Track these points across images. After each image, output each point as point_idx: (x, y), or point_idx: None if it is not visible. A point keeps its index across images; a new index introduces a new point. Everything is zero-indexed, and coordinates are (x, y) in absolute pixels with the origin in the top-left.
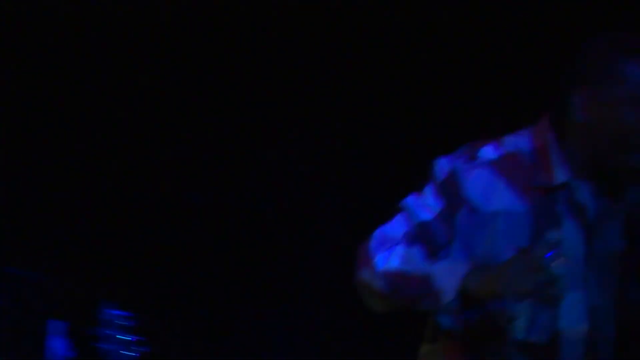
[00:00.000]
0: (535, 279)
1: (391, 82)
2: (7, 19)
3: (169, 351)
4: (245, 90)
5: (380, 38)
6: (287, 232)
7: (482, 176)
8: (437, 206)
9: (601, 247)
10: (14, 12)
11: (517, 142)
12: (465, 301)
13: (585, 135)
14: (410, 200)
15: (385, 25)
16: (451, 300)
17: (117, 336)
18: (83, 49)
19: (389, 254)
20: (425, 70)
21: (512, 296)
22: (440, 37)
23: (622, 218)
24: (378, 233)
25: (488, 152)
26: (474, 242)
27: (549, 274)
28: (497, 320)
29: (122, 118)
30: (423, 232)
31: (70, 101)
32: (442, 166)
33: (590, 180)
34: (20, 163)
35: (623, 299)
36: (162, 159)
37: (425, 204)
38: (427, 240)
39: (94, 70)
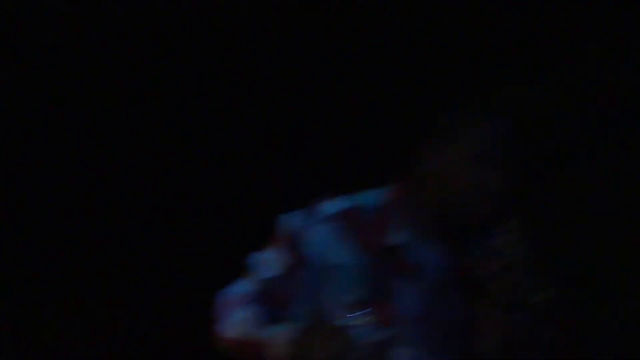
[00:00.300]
0: (332, 345)
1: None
2: None
3: None
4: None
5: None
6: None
7: (322, 232)
8: (280, 263)
9: (444, 307)
10: None
11: (366, 198)
12: None
13: (432, 192)
14: (254, 258)
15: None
16: None
17: None
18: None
19: (231, 317)
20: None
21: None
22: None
23: (465, 277)
24: (223, 294)
25: (330, 207)
26: (315, 298)
27: (347, 340)
28: None
29: None
30: (265, 291)
31: None
32: (285, 223)
33: (435, 239)
34: None
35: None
36: None
37: (268, 262)
38: (268, 299)
39: None
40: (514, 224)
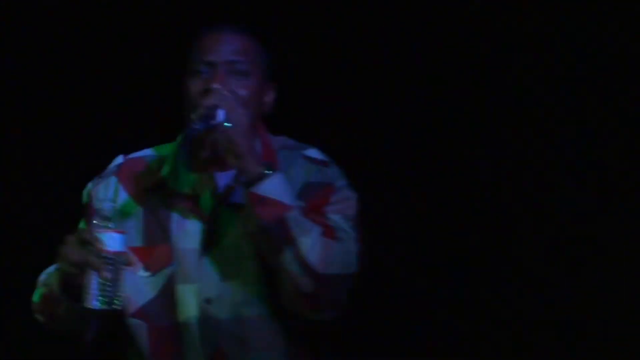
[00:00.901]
0: (81, 251)
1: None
2: None
3: None
4: None
5: None
6: None
7: (107, 183)
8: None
9: (225, 236)
10: None
11: (158, 149)
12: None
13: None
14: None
15: None
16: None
17: None
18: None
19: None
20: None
21: (67, 269)
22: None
23: (236, 205)
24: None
25: (118, 160)
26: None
27: (95, 248)
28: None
29: None
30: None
31: None
32: (86, 191)
33: (202, 168)
34: None
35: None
36: None
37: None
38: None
39: None
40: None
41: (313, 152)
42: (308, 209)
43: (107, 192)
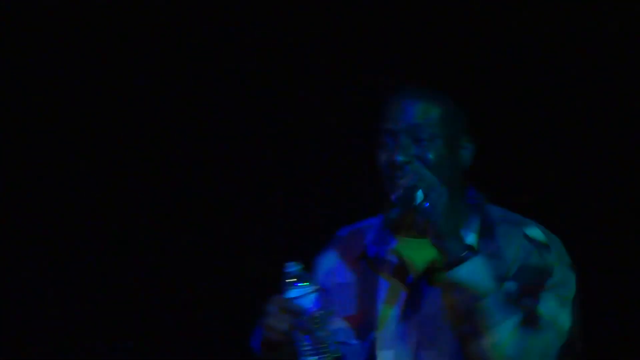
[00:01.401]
0: (285, 319)
1: None
2: None
3: None
4: None
5: None
6: None
7: (328, 255)
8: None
9: (426, 305)
10: None
11: (372, 218)
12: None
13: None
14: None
15: None
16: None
17: None
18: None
19: None
20: None
21: (275, 337)
22: None
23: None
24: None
25: (340, 231)
26: (324, 317)
27: (299, 313)
28: None
29: None
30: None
31: None
32: (317, 256)
33: (408, 235)
34: None
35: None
36: None
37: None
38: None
39: None
40: None
41: (535, 232)
42: (521, 292)
43: (327, 261)
